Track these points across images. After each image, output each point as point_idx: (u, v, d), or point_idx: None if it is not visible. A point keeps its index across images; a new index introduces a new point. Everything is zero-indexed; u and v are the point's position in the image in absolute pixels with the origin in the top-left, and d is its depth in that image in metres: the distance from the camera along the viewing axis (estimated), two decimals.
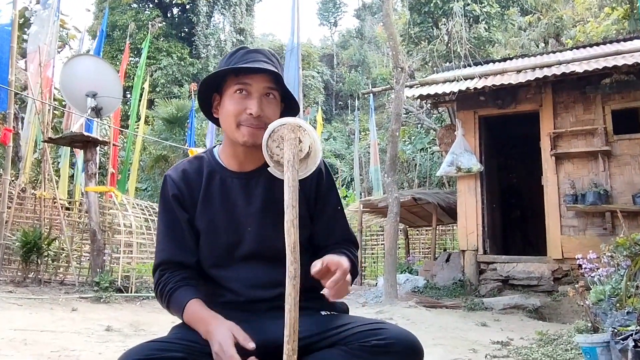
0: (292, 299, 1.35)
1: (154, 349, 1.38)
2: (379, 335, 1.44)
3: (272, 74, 1.60)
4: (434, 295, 7.78)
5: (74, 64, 7.42)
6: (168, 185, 1.67)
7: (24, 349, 3.31)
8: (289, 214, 1.43)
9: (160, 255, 1.63)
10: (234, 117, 1.59)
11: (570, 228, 7.51)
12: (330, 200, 1.73)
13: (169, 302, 1.57)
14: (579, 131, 7.61)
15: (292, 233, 1.41)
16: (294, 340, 1.32)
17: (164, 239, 1.64)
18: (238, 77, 1.60)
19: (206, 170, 1.68)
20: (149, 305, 6.32)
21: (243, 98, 1.59)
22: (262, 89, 1.60)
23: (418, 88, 8.68)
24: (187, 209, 1.64)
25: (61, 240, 7.50)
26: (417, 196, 9.72)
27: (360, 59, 33.38)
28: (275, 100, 1.64)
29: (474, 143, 8.34)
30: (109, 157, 11.73)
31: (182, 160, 1.76)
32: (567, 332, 4.17)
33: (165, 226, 1.65)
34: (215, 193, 1.65)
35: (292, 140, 1.51)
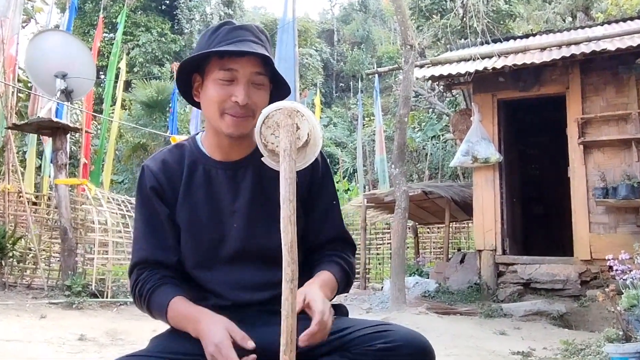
0: (290, 304, 1.36)
1: None
2: (385, 338, 1.45)
3: (262, 56, 1.60)
4: (447, 300, 7.81)
5: (40, 41, 7.41)
6: (146, 177, 1.67)
7: None
8: (285, 209, 1.43)
9: (137, 255, 1.63)
10: (217, 105, 1.59)
11: (599, 225, 7.52)
12: (325, 192, 1.74)
13: (149, 302, 1.57)
14: (610, 116, 7.60)
15: (289, 231, 1.41)
16: (291, 350, 1.33)
17: (142, 236, 1.64)
18: (222, 59, 1.59)
19: (188, 160, 1.68)
20: (127, 311, 6.34)
21: (228, 84, 1.59)
22: (249, 74, 1.60)
23: (429, 68, 8.66)
24: (168, 203, 1.65)
25: (28, 239, 7.51)
26: (428, 190, 9.73)
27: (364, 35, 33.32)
28: (264, 86, 1.64)
29: (492, 130, 8.34)
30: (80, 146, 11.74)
31: (162, 149, 1.77)
32: (595, 342, 4.18)
33: (143, 222, 1.65)
34: (198, 185, 1.66)
35: (288, 126, 1.52)
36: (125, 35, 20.06)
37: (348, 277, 1.69)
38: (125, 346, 4.25)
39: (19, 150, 13.29)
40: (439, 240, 13.21)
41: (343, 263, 1.68)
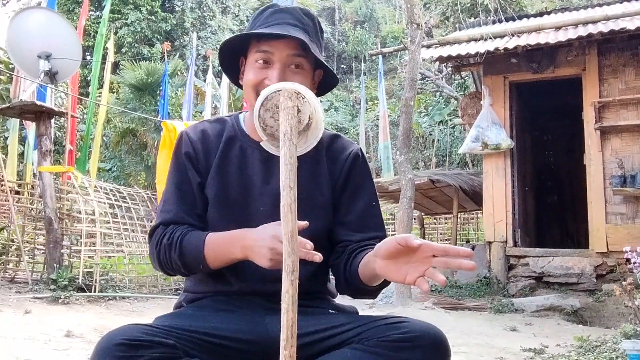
0: (290, 296, 1.36)
1: (140, 331, 1.42)
2: (400, 329, 1.48)
3: (298, 40, 1.63)
4: (455, 295, 7.87)
5: (22, 20, 7.37)
6: (183, 143, 1.74)
7: None
8: (285, 196, 1.43)
9: (165, 216, 1.68)
10: (252, 88, 1.66)
11: (617, 216, 7.55)
12: (366, 191, 1.78)
13: (182, 246, 1.60)
14: (629, 100, 7.61)
15: (289, 219, 1.41)
16: (292, 345, 1.34)
17: (171, 199, 1.70)
18: (260, 42, 1.65)
19: (227, 135, 1.75)
20: (116, 306, 6.37)
21: (264, 67, 1.65)
22: (285, 57, 1.64)
23: (437, 48, 8.66)
24: (200, 172, 1.71)
25: (10, 230, 7.53)
26: (435, 178, 9.75)
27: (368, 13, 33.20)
28: (304, 70, 1.68)
29: (504, 114, 8.34)
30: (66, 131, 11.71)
31: (203, 120, 1.86)
32: (611, 338, 4.22)
33: (174, 186, 1.72)
34: (232, 161, 1.71)
35: (289, 109, 1.52)
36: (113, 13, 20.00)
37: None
38: None
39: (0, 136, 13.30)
40: (447, 231, 13.25)
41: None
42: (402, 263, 1.43)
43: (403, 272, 1.43)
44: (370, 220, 1.75)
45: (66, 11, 21.46)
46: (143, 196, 8.89)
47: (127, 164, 17.82)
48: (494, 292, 7.70)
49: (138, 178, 17.11)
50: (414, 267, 1.41)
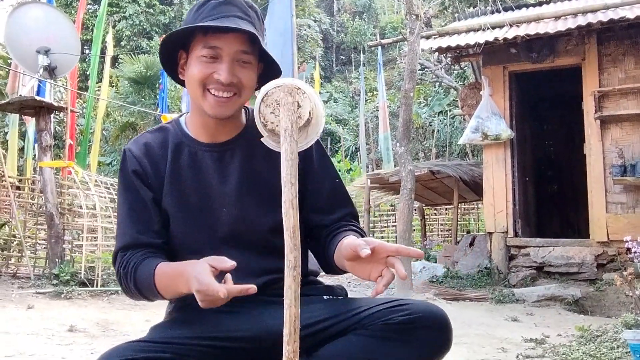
0: (293, 292, 1.37)
1: (136, 349, 1.43)
2: (404, 311, 1.49)
3: (248, 33, 1.60)
4: (456, 285, 7.87)
5: (20, 14, 7.35)
6: (128, 161, 1.69)
7: None
8: (287, 192, 1.44)
9: (121, 240, 1.65)
10: (199, 82, 1.61)
11: (617, 205, 7.56)
12: (328, 170, 1.77)
13: (135, 279, 1.58)
14: (629, 89, 7.60)
15: (291, 215, 1.42)
16: (294, 340, 1.35)
17: (125, 221, 1.66)
18: (206, 36, 1.60)
19: (172, 143, 1.70)
20: (118, 300, 6.37)
21: (211, 62, 1.60)
22: (234, 52, 1.61)
23: (436, 39, 8.64)
24: (152, 187, 1.67)
25: (12, 225, 7.54)
26: (435, 169, 9.76)
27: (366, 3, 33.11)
28: (251, 64, 1.65)
29: (504, 105, 8.34)
30: (65, 126, 11.72)
31: (143, 132, 1.79)
32: (612, 327, 4.22)
33: (126, 207, 1.67)
34: (184, 169, 1.68)
35: (289, 105, 1.52)
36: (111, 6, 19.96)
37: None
38: (118, 337, 4.29)
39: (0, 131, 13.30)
40: (447, 222, 13.26)
41: (360, 231, 1.69)
42: (366, 262, 1.47)
43: (367, 270, 1.47)
44: (337, 199, 1.75)
45: (64, 5, 21.40)
46: None
47: None
48: (495, 283, 7.72)
49: None
50: (374, 267, 1.45)
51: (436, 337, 1.51)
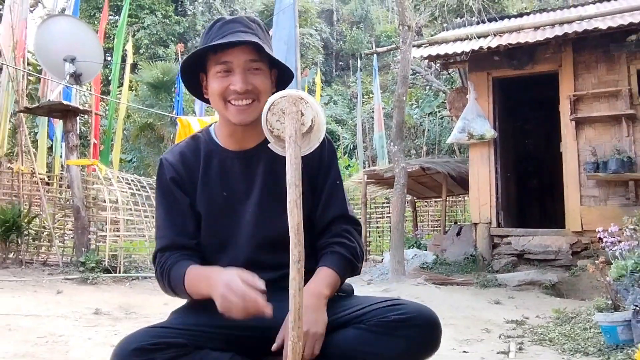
0: (297, 283, 1.39)
1: (153, 335, 1.45)
2: (398, 311, 1.52)
3: (253, 44, 1.62)
4: (444, 271, 7.87)
5: (49, 26, 7.36)
6: (165, 169, 1.71)
7: (8, 335, 3.38)
8: (291, 193, 1.46)
9: (160, 242, 1.68)
10: (219, 96, 1.64)
11: (590, 198, 7.57)
12: (331, 173, 1.77)
13: (170, 277, 1.61)
14: (601, 93, 7.60)
15: (295, 214, 1.44)
16: (299, 327, 1.37)
17: (164, 224, 1.69)
18: (217, 54, 1.63)
19: (204, 152, 1.73)
20: (138, 286, 6.40)
21: (226, 75, 1.63)
22: (243, 62, 1.63)
23: (426, 48, 8.63)
24: (187, 192, 1.70)
25: (42, 217, 7.56)
26: (425, 166, 9.75)
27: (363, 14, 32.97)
28: (262, 71, 1.67)
29: (488, 107, 8.33)
30: (90, 127, 11.73)
31: (178, 143, 1.81)
32: (585, 310, 4.23)
33: (164, 211, 1.70)
34: (215, 175, 1.70)
35: (293, 114, 1.53)
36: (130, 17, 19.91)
37: (352, 263, 1.70)
38: (139, 319, 4.30)
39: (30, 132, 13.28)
40: (437, 213, 13.26)
41: (344, 251, 1.69)
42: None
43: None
44: (333, 199, 1.75)
45: (88, 16, 21.35)
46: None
47: (146, 155, 17.83)
48: (480, 269, 7.72)
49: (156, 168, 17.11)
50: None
51: (425, 335, 1.53)
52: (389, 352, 1.51)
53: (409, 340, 1.51)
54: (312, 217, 1.73)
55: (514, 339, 3.68)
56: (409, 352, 1.53)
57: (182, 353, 1.45)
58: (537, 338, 3.67)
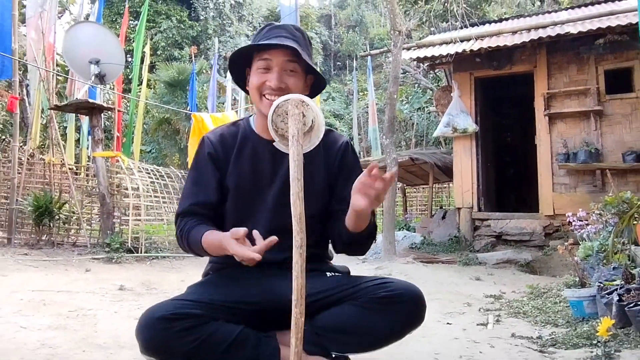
0: (299, 266, 1.41)
1: (175, 306, 1.50)
2: (387, 288, 1.56)
3: (291, 48, 1.65)
4: (431, 251, 7.89)
5: (75, 32, 7.33)
6: (205, 145, 1.77)
7: (43, 309, 3.41)
8: (294, 187, 1.47)
9: (181, 206, 1.74)
10: (256, 89, 1.69)
11: (561, 186, 7.59)
12: (357, 172, 1.77)
13: (189, 241, 1.66)
14: (572, 91, 7.59)
15: (297, 205, 1.46)
16: (301, 304, 1.39)
17: (188, 192, 1.74)
18: (260, 53, 1.69)
19: (240, 136, 1.78)
20: (158, 264, 6.43)
21: (265, 72, 1.67)
22: (282, 63, 1.67)
23: (415, 50, 8.61)
24: (220, 168, 1.74)
25: (71, 203, 7.58)
26: (414, 156, 9.75)
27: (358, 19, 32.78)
28: (297, 73, 1.70)
29: (470, 104, 8.32)
30: (113, 121, 11.73)
31: (221, 126, 1.87)
32: (556, 286, 4.25)
33: (192, 182, 1.75)
34: (246, 158, 1.74)
35: (296, 115, 1.55)
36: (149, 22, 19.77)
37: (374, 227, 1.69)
38: (159, 294, 4.32)
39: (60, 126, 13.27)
40: (424, 199, 13.29)
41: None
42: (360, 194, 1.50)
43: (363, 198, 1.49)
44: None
45: (110, 21, 21.23)
46: (177, 174, 8.92)
47: (164, 147, 17.83)
48: (462, 249, 7.76)
49: (173, 158, 17.12)
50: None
51: (412, 310, 1.56)
52: (380, 324, 1.55)
53: (398, 314, 1.55)
54: (339, 205, 1.73)
55: (492, 311, 3.69)
56: (397, 325, 1.57)
57: (199, 322, 1.50)
58: (512, 311, 3.67)
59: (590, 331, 2.67)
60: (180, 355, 1.48)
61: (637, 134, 7.17)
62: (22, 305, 3.47)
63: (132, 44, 16.32)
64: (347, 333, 1.57)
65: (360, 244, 1.69)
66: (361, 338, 1.58)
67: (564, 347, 2.55)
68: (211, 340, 1.50)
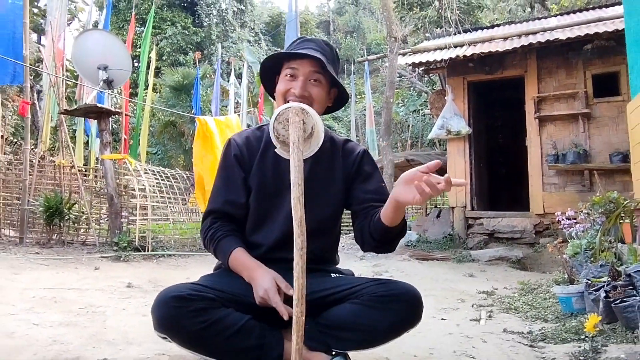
0: (300, 267, 1.42)
1: (189, 288, 1.53)
2: (387, 288, 1.58)
3: (317, 59, 1.68)
4: (426, 248, 7.88)
5: (84, 39, 7.33)
6: (231, 147, 1.79)
7: (54, 306, 3.40)
8: (295, 191, 1.48)
9: (212, 204, 1.75)
10: (282, 96, 1.71)
11: (551, 185, 7.60)
12: (376, 177, 1.82)
13: (217, 247, 1.68)
14: (561, 95, 7.60)
15: (298, 209, 1.46)
16: (302, 303, 1.40)
17: (219, 191, 1.76)
18: (289, 61, 1.72)
19: (264, 140, 1.80)
20: (164, 262, 6.41)
21: (291, 80, 1.70)
22: (307, 72, 1.70)
23: (410, 56, 8.60)
24: (244, 169, 1.76)
25: (81, 204, 7.58)
26: (410, 158, 9.78)
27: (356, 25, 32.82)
28: (321, 83, 1.73)
29: (463, 107, 8.33)
30: (121, 125, 11.73)
31: (246, 129, 1.89)
32: (546, 282, 4.24)
33: (223, 181, 1.77)
34: (269, 160, 1.76)
35: (296, 123, 1.56)
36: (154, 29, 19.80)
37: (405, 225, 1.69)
38: None
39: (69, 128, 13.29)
40: None
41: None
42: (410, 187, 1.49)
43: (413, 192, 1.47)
44: (382, 194, 1.77)
45: (117, 28, 21.23)
46: (182, 175, 8.93)
47: (169, 148, 17.82)
48: (456, 246, 7.76)
49: (178, 159, 17.12)
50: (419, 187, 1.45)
51: (410, 309, 1.58)
52: (380, 322, 1.56)
53: (397, 313, 1.56)
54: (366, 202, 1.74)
55: (484, 307, 3.68)
56: (396, 323, 1.58)
57: (211, 306, 1.52)
58: (504, 307, 3.66)
59: (579, 326, 2.68)
60: (189, 335, 1.50)
61: (623, 135, 7.17)
62: (34, 302, 3.47)
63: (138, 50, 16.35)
64: (349, 330, 1.59)
65: (392, 240, 1.68)
66: (362, 335, 1.59)
67: (553, 342, 2.55)
68: (219, 325, 1.52)
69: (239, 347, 1.54)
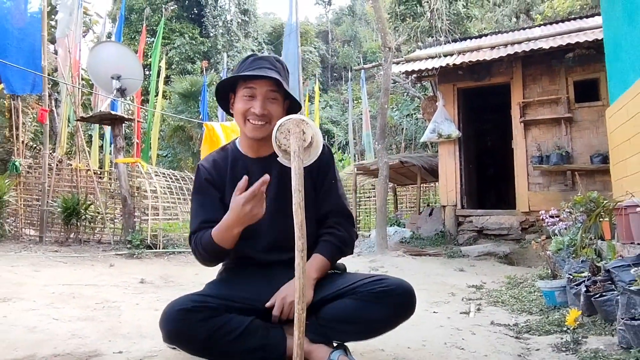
0: (301, 268, 1.44)
1: (192, 300, 1.55)
2: (382, 284, 1.60)
3: (274, 79, 1.69)
4: (419, 245, 7.90)
5: (98, 50, 7.35)
6: (202, 172, 1.79)
7: (72, 302, 3.41)
8: (296, 197, 1.49)
9: (192, 227, 1.75)
10: (242, 115, 1.71)
11: (536, 185, 7.61)
12: (328, 175, 1.83)
13: (202, 246, 1.66)
14: (545, 100, 7.61)
15: (299, 214, 1.48)
16: (303, 301, 1.42)
17: (196, 214, 1.76)
18: (246, 82, 1.71)
19: (231, 158, 1.80)
20: (175, 259, 6.42)
21: (249, 100, 1.70)
22: (265, 92, 1.70)
23: (404, 64, 8.61)
24: (218, 189, 1.76)
25: (96, 204, 7.60)
26: (404, 160, 9.77)
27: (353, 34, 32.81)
28: (278, 100, 1.73)
29: (453, 112, 8.34)
30: (133, 129, 11.74)
31: (211, 153, 1.89)
32: (531, 277, 4.25)
33: (198, 205, 1.77)
34: (239, 175, 1.72)
35: (297, 133, 1.57)
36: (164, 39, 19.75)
37: (340, 249, 1.77)
38: (176, 287, 4.29)
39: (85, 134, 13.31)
40: (413, 197, 13.28)
41: (333, 240, 1.76)
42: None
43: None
44: (329, 196, 1.81)
45: (129, 39, 21.24)
46: (191, 177, 8.94)
47: (178, 151, 17.83)
48: (447, 243, 7.77)
49: (187, 162, 17.14)
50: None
51: (403, 303, 1.60)
52: (377, 315, 1.59)
53: (392, 306, 1.58)
54: (316, 208, 1.78)
55: (474, 301, 3.68)
56: (391, 315, 1.61)
57: (214, 315, 1.54)
58: (492, 300, 3.66)
59: (561, 319, 2.69)
60: (198, 342, 1.53)
61: (603, 138, 7.17)
62: (53, 298, 3.47)
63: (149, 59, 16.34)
64: (348, 323, 1.61)
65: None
66: (360, 327, 1.61)
67: (538, 334, 2.57)
68: (224, 329, 1.54)
69: (245, 348, 1.56)
